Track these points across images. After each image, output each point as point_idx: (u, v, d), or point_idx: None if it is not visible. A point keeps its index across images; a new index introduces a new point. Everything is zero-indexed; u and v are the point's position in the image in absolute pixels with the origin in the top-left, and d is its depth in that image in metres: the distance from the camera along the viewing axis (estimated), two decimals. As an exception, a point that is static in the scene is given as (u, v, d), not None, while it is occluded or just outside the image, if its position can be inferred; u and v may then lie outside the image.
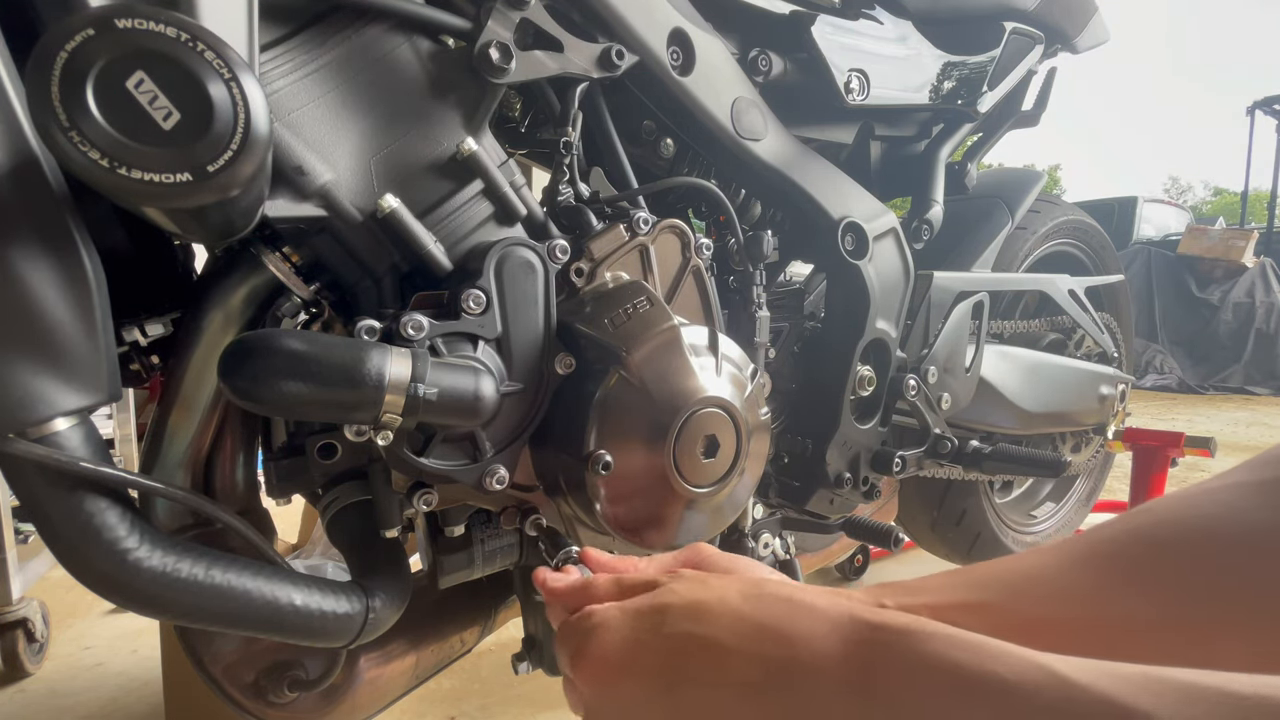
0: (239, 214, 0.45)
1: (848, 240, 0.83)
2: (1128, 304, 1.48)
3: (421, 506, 0.58)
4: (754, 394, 0.65)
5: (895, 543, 0.86)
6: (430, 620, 0.73)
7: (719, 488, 0.61)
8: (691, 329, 0.61)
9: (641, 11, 0.67)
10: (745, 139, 0.77)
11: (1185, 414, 4.96)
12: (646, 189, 0.70)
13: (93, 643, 1.61)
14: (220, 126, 0.39)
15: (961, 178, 1.09)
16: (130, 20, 0.37)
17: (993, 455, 0.92)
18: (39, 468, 0.43)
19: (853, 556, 1.91)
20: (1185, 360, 6.45)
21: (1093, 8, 1.18)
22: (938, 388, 0.94)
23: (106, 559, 0.45)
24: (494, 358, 0.57)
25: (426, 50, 0.59)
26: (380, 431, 0.51)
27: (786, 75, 0.83)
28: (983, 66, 1.02)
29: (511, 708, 1.33)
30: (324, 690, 0.64)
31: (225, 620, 0.50)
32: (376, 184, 0.56)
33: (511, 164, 0.63)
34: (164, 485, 0.50)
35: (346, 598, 0.55)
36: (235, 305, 0.56)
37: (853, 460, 0.87)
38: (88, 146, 0.37)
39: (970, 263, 1.08)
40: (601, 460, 0.56)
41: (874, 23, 0.92)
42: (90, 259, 0.45)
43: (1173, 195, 35.41)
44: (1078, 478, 1.54)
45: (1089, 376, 1.26)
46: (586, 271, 0.63)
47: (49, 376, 0.43)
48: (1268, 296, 6.25)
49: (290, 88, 0.53)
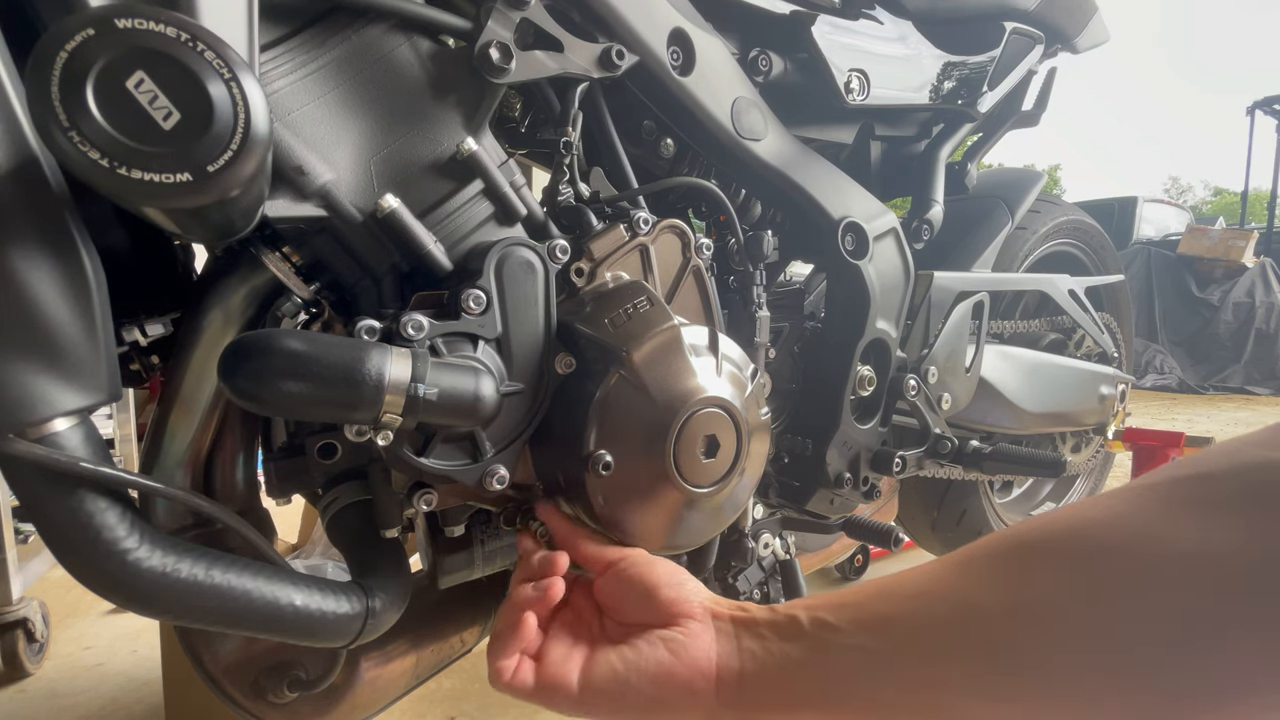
0: (239, 214, 0.45)
1: (848, 240, 0.83)
2: (1128, 304, 1.48)
3: (421, 506, 0.58)
4: (754, 394, 0.65)
5: (895, 543, 0.86)
6: (430, 620, 0.73)
7: (719, 488, 0.61)
8: (692, 329, 0.61)
9: (641, 11, 0.67)
10: (745, 139, 0.77)
11: (1185, 414, 4.96)
12: (646, 189, 0.70)
13: (93, 643, 1.61)
14: (220, 126, 0.39)
15: (961, 178, 1.09)
16: (130, 20, 0.37)
17: (993, 455, 0.92)
18: (39, 468, 0.43)
19: (853, 556, 1.91)
20: (1185, 360, 6.45)
21: (1093, 8, 1.18)
22: (938, 388, 0.94)
23: (106, 559, 0.45)
24: (494, 358, 0.57)
25: (426, 50, 0.59)
26: (380, 431, 0.51)
27: (786, 75, 0.83)
28: (983, 66, 1.02)
29: (511, 708, 1.33)
30: (324, 690, 0.64)
31: (225, 620, 0.50)
32: (376, 184, 0.56)
33: (511, 164, 0.63)
34: (164, 485, 0.50)
35: (346, 598, 0.55)
36: (235, 305, 0.56)
37: (853, 460, 0.87)
38: (88, 146, 0.37)
39: (970, 263, 1.08)
40: (601, 460, 0.56)
41: (874, 23, 0.92)
42: (90, 259, 0.45)
43: (1173, 195, 35.40)
44: (1078, 478, 1.54)
45: (1089, 376, 1.26)
46: (587, 271, 0.63)
47: (49, 376, 0.43)
48: (1268, 296, 6.25)
49: (290, 88, 0.53)
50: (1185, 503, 0.35)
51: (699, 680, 0.45)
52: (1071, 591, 0.36)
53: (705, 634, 0.47)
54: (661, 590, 0.50)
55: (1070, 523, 0.38)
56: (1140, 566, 0.34)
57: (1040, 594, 0.37)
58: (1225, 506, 0.33)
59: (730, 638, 0.47)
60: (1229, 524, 0.33)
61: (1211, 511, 0.34)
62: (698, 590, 0.51)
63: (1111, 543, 0.35)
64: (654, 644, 0.47)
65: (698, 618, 0.48)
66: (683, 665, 0.46)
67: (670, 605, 0.49)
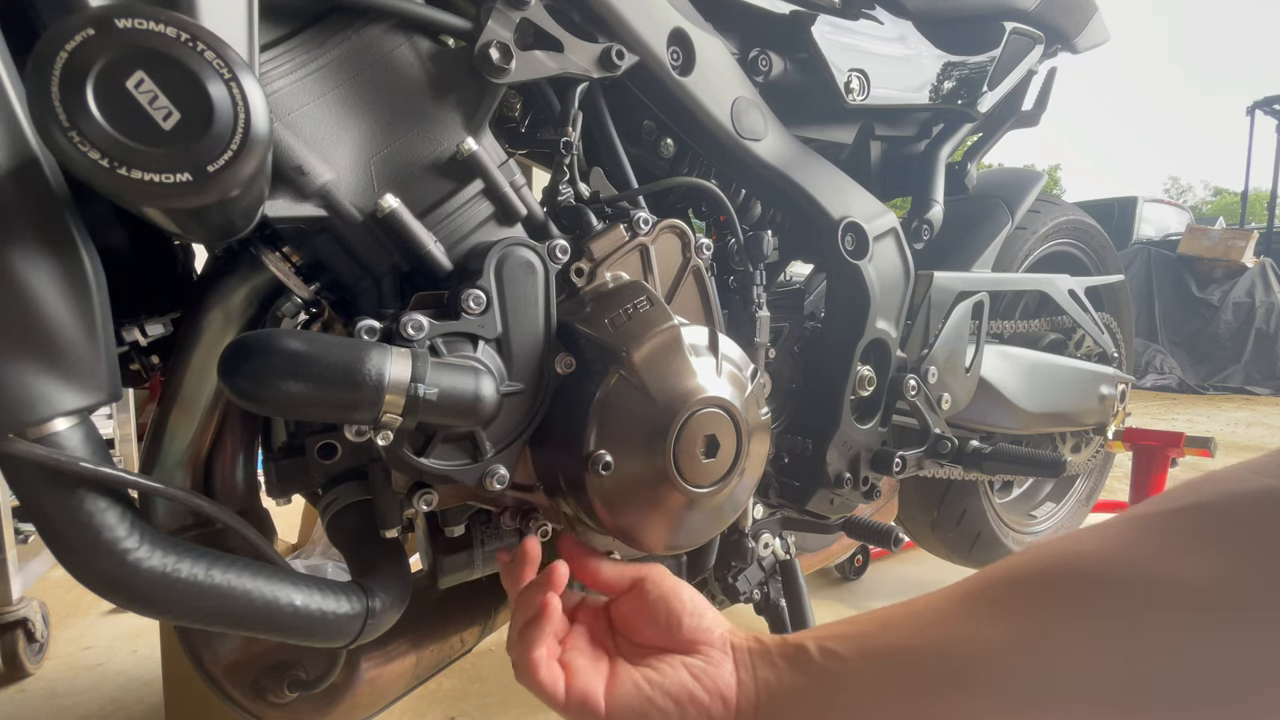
0: (239, 214, 0.45)
1: (848, 240, 0.83)
2: (1128, 304, 1.48)
3: (421, 506, 0.57)
4: (754, 394, 0.65)
5: (895, 543, 0.86)
6: (430, 620, 0.73)
7: (719, 488, 0.61)
8: (691, 329, 0.61)
9: (641, 11, 0.67)
10: (745, 139, 0.77)
11: (1185, 414, 4.96)
12: (646, 189, 0.70)
13: (93, 643, 1.61)
14: (220, 126, 0.39)
15: (961, 178, 1.09)
16: (130, 20, 0.37)
17: (993, 455, 0.92)
18: (39, 468, 0.43)
19: (853, 556, 1.91)
20: (1185, 360, 6.45)
21: (1093, 8, 1.18)
22: (938, 388, 0.94)
23: (106, 559, 0.45)
24: (494, 358, 0.57)
25: (426, 50, 0.59)
26: (380, 431, 0.51)
27: (786, 75, 0.83)
28: (983, 66, 1.02)
29: (511, 708, 1.33)
30: (324, 690, 0.64)
31: (225, 620, 0.50)
32: (376, 184, 0.56)
33: (511, 164, 0.63)
34: (164, 485, 0.50)
35: (346, 598, 0.55)
36: (235, 305, 0.56)
37: (853, 460, 0.87)
38: (88, 146, 0.37)
39: (970, 263, 1.08)
40: (601, 460, 0.56)
41: (874, 23, 0.92)
42: (90, 259, 0.45)
43: (1173, 195, 35.40)
44: (1078, 478, 1.54)
45: (1089, 376, 1.26)
46: (586, 271, 0.63)
47: (49, 376, 0.43)
48: (1268, 296, 6.25)
49: (290, 88, 0.53)
50: (1182, 534, 0.35)
51: (718, 706, 0.46)
52: (1070, 625, 0.36)
53: (726, 663, 0.48)
54: (686, 618, 0.51)
55: (1067, 556, 0.39)
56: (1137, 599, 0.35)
57: (1040, 627, 0.38)
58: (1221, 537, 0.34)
59: (748, 668, 0.48)
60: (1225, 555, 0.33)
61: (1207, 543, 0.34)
62: (718, 620, 0.52)
63: (1109, 575, 0.36)
64: (677, 668, 0.48)
65: (719, 647, 0.49)
66: (705, 691, 0.46)
67: (693, 632, 0.50)
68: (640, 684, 0.47)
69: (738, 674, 0.47)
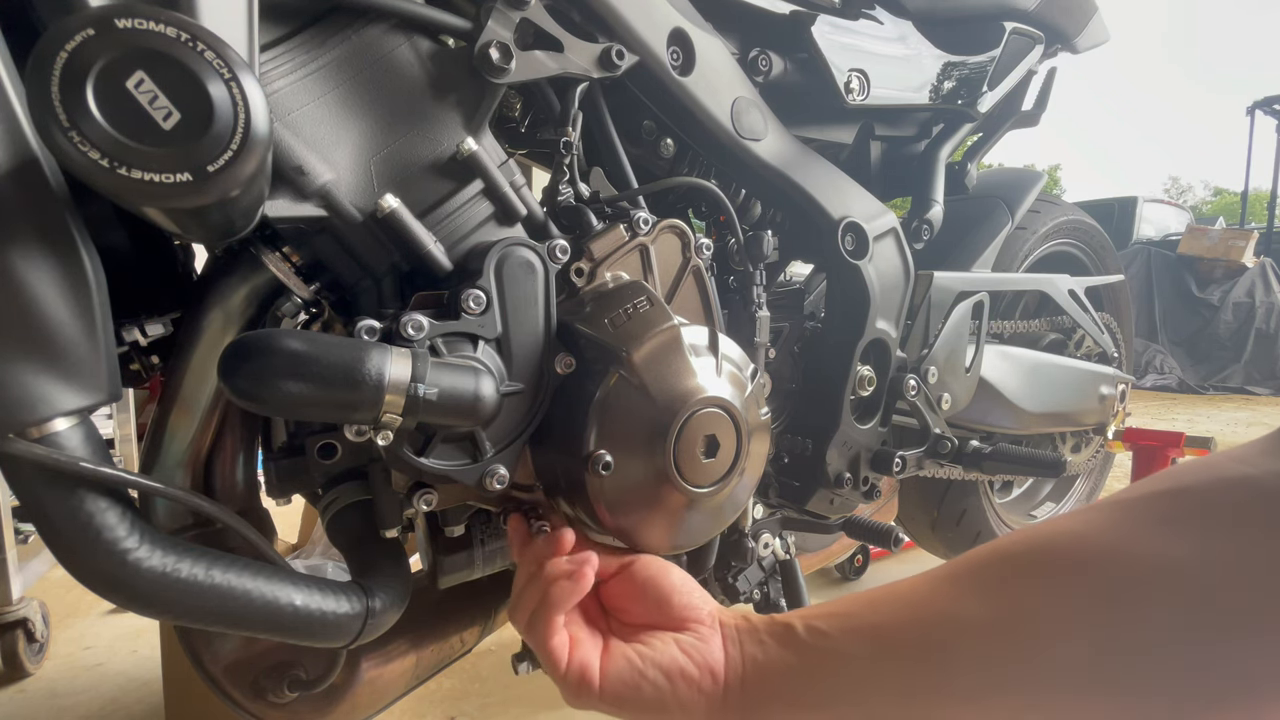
0: (239, 214, 0.45)
1: (848, 240, 0.83)
2: (1128, 304, 1.48)
3: (421, 506, 0.57)
4: (754, 394, 0.65)
5: (895, 543, 0.86)
6: (430, 620, 0.73)
7: (719, 488, 0.61)
8: (691, 329, 0.61)
9: (641, 11, 0.67)
10: (745, 139, 0.77)
11: (1185, 414, 4.96)
12: (646, 189, 0.70)
13: (93, 643, 1.61)
14: (220, 126, 0.39)
15: (961, 178, 1.09)
16: (130, 20, 0.37)
17: (993, 455, 0.92)
18: (39, 468, 0.43)
19: (853, 556, 1.91)
20: (1185, 360, 6.45)
21: (1093, 8, 1.18)
22: (938, 388, 0.94)
23: (106, 559, 0.45)
24: (494, 358, 0.57)
25: (426, 50, 0.59)
26: (380, 431, 0.51)
27: (786, 75, 0.83)
28: (983, 66, 1.02)
29: (511, 708, 1.33)
30: (324, 690, 0.64)
31: (225, 620, 0.50)
32: (376, 184, 0.56)
33: (511, 164, 0.63)
34: (164, 485, 0.50)
35: (346, 598, 0.55)
36: (235, 305, 0.56)
37: (853, 460, 0.87)
38: (88, 146, 0.37)
39: (970, 263, 1.08)
40: (601, 460, 0.56)
41: (874, 23, 0.92)
42: (90, 259, 0.45)
43: (1173, 195, 35.39)
44: (1078, 478, 1.54)
45: (1089, 376, 1.26)
46: (586, 271, 0.63)
47: (49, 376, 0.43)
48: (1268, 296, 6.25)
49: (290, 88, 0.53)
50: (1160, 518, 0.36)
51: (708, 680, 0.47)
52: (1051, 604, 0.37)
53: (715, 638, 0.50)
54: (675, 596, 0.52)
55: (1051, 537, 0.40)
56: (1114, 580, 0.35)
57: (1021, 606, 0.38)
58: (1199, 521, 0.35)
59: (735, 643, 0.49)
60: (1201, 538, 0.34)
61: (1185, 526, 0.35)
62: (706, 598, 0.53)
63: (1087, 557, 0.37)
64: (667, 643, 0.49)
65: (707, 623, 0.51)
66: (694, 665, 0.48)
67: (682, 610, 0.51)
68: (632, 658, 0.49)
69: (725, 650, 0.49)
